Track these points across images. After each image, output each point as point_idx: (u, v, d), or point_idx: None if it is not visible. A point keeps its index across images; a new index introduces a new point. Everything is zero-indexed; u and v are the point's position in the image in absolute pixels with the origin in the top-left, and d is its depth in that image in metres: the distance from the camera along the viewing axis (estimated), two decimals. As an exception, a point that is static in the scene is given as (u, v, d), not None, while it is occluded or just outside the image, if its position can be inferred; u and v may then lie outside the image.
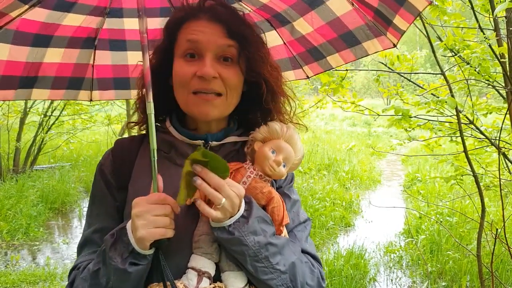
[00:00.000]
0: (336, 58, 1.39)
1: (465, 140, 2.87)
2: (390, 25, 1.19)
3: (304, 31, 1.37)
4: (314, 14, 1.30)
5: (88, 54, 1.48)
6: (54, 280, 4.07)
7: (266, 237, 0.94)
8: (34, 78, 1.42)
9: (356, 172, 8.76)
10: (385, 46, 1.29)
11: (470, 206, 5.63)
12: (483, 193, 2.94)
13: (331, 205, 6.45)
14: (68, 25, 1.35)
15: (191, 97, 1.01)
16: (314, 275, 1.04)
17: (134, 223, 0.88)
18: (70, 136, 8.86)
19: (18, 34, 1.30)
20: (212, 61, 0.99)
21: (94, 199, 1.11)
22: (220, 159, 0.89)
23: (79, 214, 6.11)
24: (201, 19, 1.02)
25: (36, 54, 1.37)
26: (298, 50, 1.45)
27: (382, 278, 4.34)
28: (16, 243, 4.92)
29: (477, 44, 2.88)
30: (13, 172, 7.28)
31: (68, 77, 1.49)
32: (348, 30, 1.29)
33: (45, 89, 1.47)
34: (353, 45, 1.33)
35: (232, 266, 0.96)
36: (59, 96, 1.52)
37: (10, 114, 7.58)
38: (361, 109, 3.57)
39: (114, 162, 1.09)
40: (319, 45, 1.39)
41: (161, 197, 0.91)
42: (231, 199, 0.89)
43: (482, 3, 2.86)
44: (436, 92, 3.14)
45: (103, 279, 0.92)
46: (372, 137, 14.99)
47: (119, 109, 8.30)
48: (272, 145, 1.01)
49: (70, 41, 1.40)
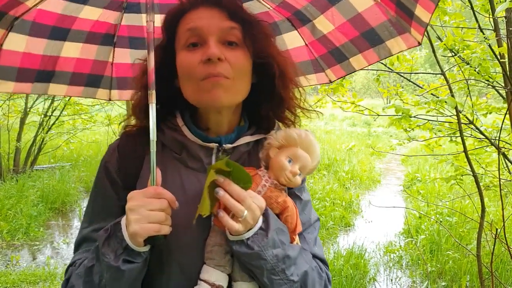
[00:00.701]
0: (359, 59, 1.31)
1: (465, 140, 2.87)
2: (413, 18, 1.11)
3: (325, 30, 1.30)
4: (334, 10, 1.23)
5: (107, 51, 1.44)
6: (54, 280, 4.07)
7: (284, 249, 0.91)
8: (52, 72, 1.37)
9: (356, 172, 8.76)
10: (409, 44, 1.20)
11: (470, 206, 5.63)
12: (483, 193, 2.94)
13: (331, 205, 6.45)
14: (85, 19, 1.32)
15: (200, 84, 0.93)
16: (322, 280, 1.02)
17: (128, 218, 0.84)
18: (70, 136, 8.85)
19: (35, 25, 1.26)
20: (216, 43, 0.93)
21: (96, 197, 1.04)
22: (242, 169, 0.87)
23: (79, 214, 6.11)
24: (198, 7, 0.97)
25: (53, 47, 1.32)
26: (320, 51, 1.38)
27: (382, 278, 4.34)
28: (16, 243, 4.91)
29: (477, 44, 2.88)
30: (13, 172, 7.28)
31: (87, 73, 1.44)
32: (371, 27, 1.21)
33: (62, 85, 1.43)
34: (376, 44, 1.25)
35: (244, 277, 0.94)
36: (77, 93, 1.48)
37: (10, 114, 7.57)
38: (361, 109, 3.57)
39: (120, 159, 1.01)
40: (341, 45, 1.31)
41: (157, 190, 0.86)
42: (252, 211, 0.86)
43: (482, 3, 2.86)
44: (436, 92, 3.14)
45: (96, 277, 0.88)
46: (372, 137, 14.99)
47: (119, 109, 8.30)
48: (289, 153, 0.96)
49: (88, 36, 1.36)
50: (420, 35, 1.16)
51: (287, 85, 1.03)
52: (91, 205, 1.05)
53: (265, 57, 0.99)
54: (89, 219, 1.03)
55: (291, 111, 1.06)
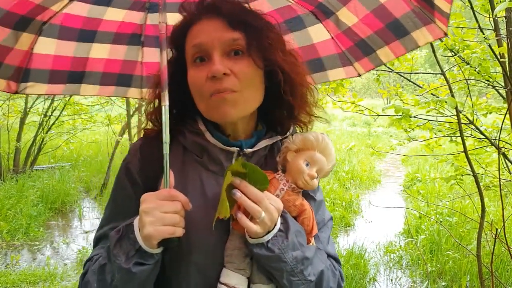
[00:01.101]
0: (386, 52, 1.27)
1: (465, 140, 2.87)
2: (434, 8, 1.07)
3: (349, 22, 1.27)
4: (356, 1, 1.20)
5: (135, 50, 1.47)
6: (54, 280, 4.07)
7: (303, 251, 0.93)
8: (82, 73, 1.41)
9: (356, 172, 8.76)
10: (435, 35, 1.15)
11: (470, 206, 5.63)
12: (483, 193, 2.94)
13: (331, 205, 6.45)
14: (110, 20, 1.35)
15: (209, 102, 0.94)
16: (336, 277, 1.04)
17: (142, 220, 0.84)
18: (70, 136, 8.84)
19: (63, 28, 1.30)
20: (220, 58, 0.94)
21: (116, 196, 1.05)
22: (259, 170, 0.87)
23: (79, 214, 6.11)
24: (202, 20, 0.98)
25: (82, 49, 1.36)
26: (347, 44, 1.34)
27: (382, 278, 4.34)
28: (16, 243, 4.91)
29: (477, 44, 2.88)
30: (13, 172, 7.27)
31: (117, 73, 1.48)
32: (395, 18, 1.17)
33: (94, 85, 1.46)
34: (402, 36, 1.21)
35: (263, 279, 0.95)
36: (109, 93, 1.51)
37: (10, 114, 7.57)
38: (361, 109, 3.57)
39: (143, 160, 1.02)
40: (367, 37, 1.27)
41: (171, 192, 0.87)
42: (270, 212, 0.87)
43: (482, 3, 2.86)
44: (436, 92, 3.14)
45: (108, 276, 0.88)
46: (372, 137, 14.99)
47: (119, 109, 8.29)
48: (306, 156, 0.97)
49: (115, 36, 1.40)
50: (445, 26, 1.11)
51: (294, 90, 1.02)
52: (111, 203, 1.06)
53: (269, 64, 0.98)
54: (109, 217, 1.04)
55: (303, 114, 1.06)
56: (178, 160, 1.00)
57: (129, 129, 7.38)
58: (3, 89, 1.32)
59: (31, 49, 1.30)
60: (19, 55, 1.29)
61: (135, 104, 7.81)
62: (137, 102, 7.77)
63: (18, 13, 1.17)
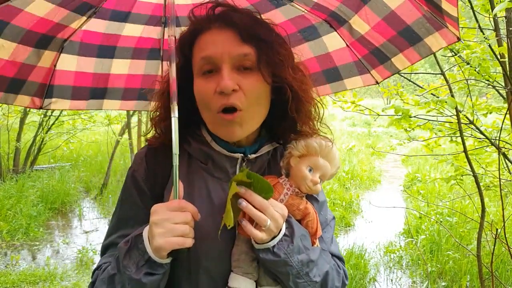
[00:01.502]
0: (401, 59, 1.27)
1: (465, 140, 2.87)
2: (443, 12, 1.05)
3: (362, 30, 1.26)
4: (367, 9, 1.19)
5: (155, 65, 1.50)
6: (54, 280, 4.07)
7: (308, 254, 0.94)
8: (104, 89, 1.46)
9: (356, 172, 8.75)
10: (449, 40, 1.14)
11: (470, 206, 5.63)
12: (483, 193, 2.94)
13: (331, 205, 6.45)
14: (128, 36, 1.39)
15: (216, 117, 0.94)
16: (340, 276, 1.05)
17: (152, 231, 0.84)
18: (70, 136, 8.84)
19: (83, 45, 1.34)
20: (230, 72, 0.91)
21: (123, 204, 1.05)
22: (263, 179, 0.89)
23: (79, 214, 6.11)
24: (212, 29, 0.95)
25: (103, 65, 1.40)
26: (362, 52, 1.34)
27: (382, 278, 4.34)
28: (16, 243, 4.91)
29: (477, 44, 2.88)
30: (13, 172, 7.27)
31: (138, 88, 1.52)
32: (406, 25, 1.16)
33: (116, 100, 1.51)
34: (415, 43, 1.20)
35: (270, 282, 0.97)
36: (130, 107, 1.57)
37: (10, 114, 7.57)
38: (361, 109, 3.57)
39: (148, 169, 1.02)
40: (380, 45, 1.27)
41: (181, 204, 0.87)
42: (275, 219, 0.88)
43: (482, 3, 2.86)
44: (436, 92, 3.14)
45: (118, 286, 0.89)
46: (372, 137, 14.98)
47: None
48: (310, 162, 0.98)
49: (134, 52, 1.43)
50: (457, 30, 1.09)
51: (300, 107, 1.01)
52: (118, 211, 1.06)
53: (278, 81, 0.97)
54: (116, 225, 1.05)
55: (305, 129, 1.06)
56: (183, 167, 1.00)
57: (129, 129, 7.38)
58: (27, 105, 1.35)
59: (54, 66, 1.34)
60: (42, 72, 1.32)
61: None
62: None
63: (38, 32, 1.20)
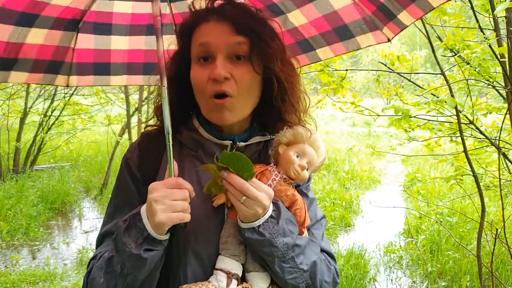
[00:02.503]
0: (326, 51, 1.38)
1: (465, 140, 2.87)
2: (392, 20, 1.17)
3: (297, 22, 1.35)
4: (311, 6, 1.28)
5: (70, 36, 1.42)
6: (54, 280, 4.07)
7: (293, 238, 0.97)
8: (14, 60, 1.33)
9: (356, 172, 8.76)
10: (378, 40, 1.29)
11: (470, 206, 5.63)
12: (483, 193, 2.94)
13: (331, 205, 6.45)
14: (56, 5, 1.28)
15: (209, 102, 1.01)
16: (331, 272, 1.07)
17: (152, 208, 0.88)
18: (70, 136, 8.84)
19: (4, 11, 1.20)
20: (223, 61, 0.99)
21: (118, 192, 1.10)
22: (244, 158, 0.90)
23: (79, 214, 6.11)
24: (210, 21, 1.03)
25: (19, 34, 1.28)
26: (287, 41, 1.37)
27: (382, 278, 4.34)
28: (16, 243, 4.91)
29: (477, 44, 2.88)
30: (13, 172, 7.27)
31: (48, 60, 1.41)
32: (343, 23, 1.28)
33: (23, 72, 1.39)
34: (346, 39, 1.32)
35: (257, 267, 0.99)
36: (36, 80, 1.45)
37: (10, 114, 7.58)
38: (361, 110, 3.57)
39: (141, 156, 1.09)
40: (311, 37, 1.36)
41: (178, 181, 0.92)
42: (259, 200, 0.90)
43: (482, 3, 2.86)
44: (436, 92, 3.14)
45: (117, 267, 0.91)
46: (372, 137, 14.98)
47: (119, 109, 8.29)
48: (297, 149, 1.02)
49: (55, 22, 1.33)
50: (393, 34, 1.24)
51: (285, 98, 1.07)
52: (113, 201, 1.10)
53: (268, 72, 1.03)
54: (111, 214, 1.09)
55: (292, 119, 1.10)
56: (175, 155, 1.04)
57: (129, 129, 7.39)
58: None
59: None
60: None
61: (135, 104, 7.81)
62: (136, 102, 7.77)
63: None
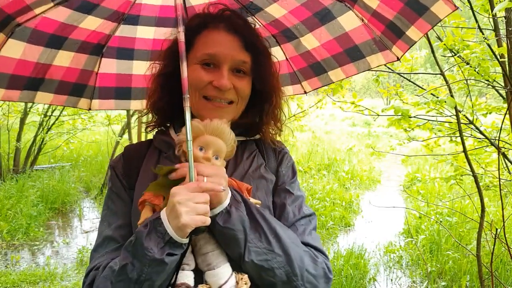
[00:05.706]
0: (338, 72, 1.43)
1: (464, 140, 2.87)
2: (401, 37, 1.22)
3: (310, 46, 1.41)
4: (323, 29, 1.34)
5: (94, 60, 1.48)
6: (54, 280, 4.07)
7: (262, 217, 1.01)
8: (41, 80, 1.40)
9: (356, 172, 8.76)
10: (388, 59, 1.33)
11: (470, 206, 5.63)
12: (483, 193, 2.94)
13: (331, 205, 6.45)
14: (84, 28, 1.36)
15: (202, 102, 1.10)
16: (318, 265, 1.06)
17: (177, 211, 0.90)
18: (70, 136, 8.84)
19: (35, 32, 1.28)
20: (228, 73, 1.09)
21: (110, 199, 1.16)
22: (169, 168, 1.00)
23: (79, 214, 6.11)
24: (219, 28, 1.11)
25: (48, 55, 1.35)
26: (300, 65, 1.48)
27: (382, 278, 4.34)
28: (16, 243, 4.92)
29: (476, 44, 2.88)
30: (13, 172, 7.28)
31: (73, 82, 1.48)
32: (354, 44, 1.33)
33: (48, 93, 1.45)
34: (357, 59, 1.37)
35: (209, 248, 1.00)
36: (60, 102, 1.51)
37: (10, 114, 7.57)
38: (361, 109, 3.57)
39: (125, 165, 1.18)
40: (323, 59, 1.42)
41: (200, 185, 0.94)
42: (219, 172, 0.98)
43: (482, 3, 2.86)
44: (436, 92, 3.14)
45: (132, 273, 0.91)
46: (372, 137, 14.99)
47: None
48: (199, 142, 1.02)
49: (81, 45, 1.40)
50: (402, 52, 1.29)
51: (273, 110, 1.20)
52: (107, 207, 1.15)
53: (266, 87, 1.17)
54: (108, 220, 1.12)
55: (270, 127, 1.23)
56: (153, 159, 1.16)
57: (129, 129, 7.38)
58: None
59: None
60: None
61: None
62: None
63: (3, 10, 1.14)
